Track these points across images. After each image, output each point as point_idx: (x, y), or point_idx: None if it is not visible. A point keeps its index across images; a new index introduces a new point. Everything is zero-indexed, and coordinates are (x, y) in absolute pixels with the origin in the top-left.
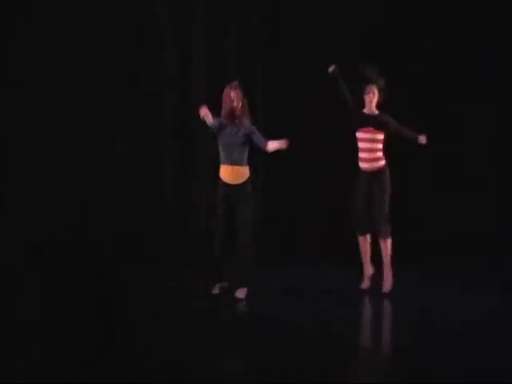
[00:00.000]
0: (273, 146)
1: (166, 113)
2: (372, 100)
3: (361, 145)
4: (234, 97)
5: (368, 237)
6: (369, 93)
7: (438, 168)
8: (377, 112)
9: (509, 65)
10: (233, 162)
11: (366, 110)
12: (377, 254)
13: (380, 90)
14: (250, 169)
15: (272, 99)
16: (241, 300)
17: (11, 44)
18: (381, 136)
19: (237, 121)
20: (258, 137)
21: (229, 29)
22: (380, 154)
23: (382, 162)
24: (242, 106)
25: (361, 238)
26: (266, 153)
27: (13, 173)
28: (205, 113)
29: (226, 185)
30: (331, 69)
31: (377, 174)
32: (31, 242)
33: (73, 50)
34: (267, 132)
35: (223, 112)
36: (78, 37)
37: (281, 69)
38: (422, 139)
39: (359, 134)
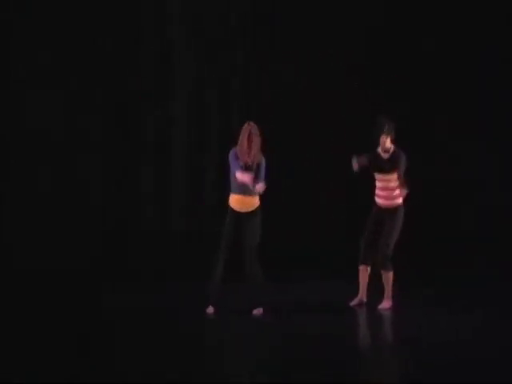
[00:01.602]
0: (256, 187)
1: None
2: (385, 144)
3: (377, 183)
4: (250, 141)
5: (368, 268)
6: (382, 139)
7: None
8: (392, 150)
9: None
10: (244, 193)
11: (380, 151)
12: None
13: (391, 134)
14: (259, 198)
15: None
16: (258, 317)
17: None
18: (395, 175)
19: (250, 159)
20: (259, 172)
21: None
22: (396, 192)
23: (399, 201)
24: (257, 147)
25: (362, 267)
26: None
27: None
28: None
29: (235, 213)
30: (355, 168)
31: (392, 211)
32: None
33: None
34: None
35: (239, 148)
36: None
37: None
38: (402, 193)
39: (375, 175)
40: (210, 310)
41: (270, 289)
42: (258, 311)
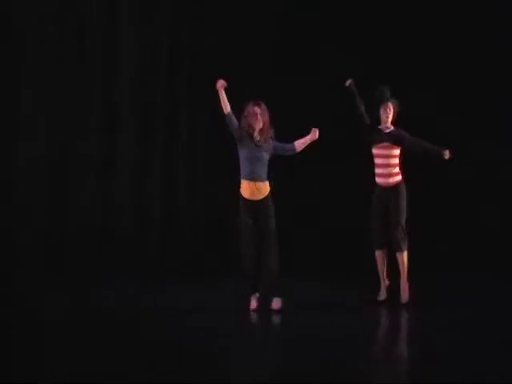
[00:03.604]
0: (301, 144)
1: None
2: (388, 115)
3: (377, 160)
4: (258, 117)
5: (385, 251)
6: (385, 109)
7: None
8: (392, 128)
9: None
10: (255, 179)
11: (381, 126)
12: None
13: (395, 107)
14: (269, 183)
15: None
16: (277, 311)
17: None
18: (396, 151)
19: (259, 138)
20: (281, 148)
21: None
22: (396, 169)
23: (399, 178)
24: (265, 125)
25: (377, 253)
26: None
27: None
28: (221, 84)
29: (247, 201)
30: (348, 83)
31: (393, 188)
32: None
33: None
34: None
35: (244, 126)
36: None
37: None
38: (446, 154)
39: (375, 150)
40: (254, 304)
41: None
42: (276, 304)
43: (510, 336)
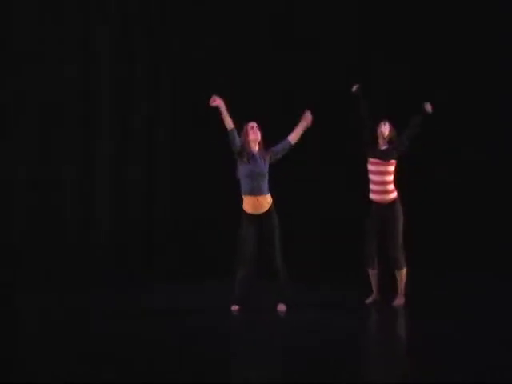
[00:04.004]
0: (296, 135)
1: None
2: (385, 133)
3: (372, 177)
4: (255, 130)
5: (376, 270)
6: (382, 127)
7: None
8: (388, 145)
9: None
10: (256, 194)
11: (378, 143)
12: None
13: (392, 125)
14: (271, 195)
15: None
16: (282, 314)
17: None
18: (391, 168)
19: (258, 151)
20: (280, 149)
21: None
22: (391, 186)
23: (394, 195)
24: (259, 144)
25: (371, 272)
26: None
27: None
28: (218, 103)
29: (251, 216)
30: (355, 88)
31: (389, 206)
32: None
33: None
34: None
35: (245, 143)
36: None
37: None
38: (428, 108)
39: (370, 167)
40: (235, 307)
41: (293, 287)
42: (281, 308)
43: (510, 336)
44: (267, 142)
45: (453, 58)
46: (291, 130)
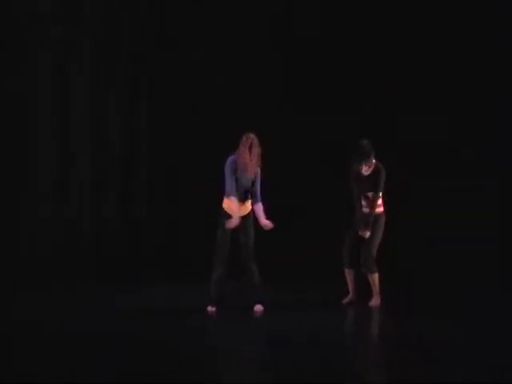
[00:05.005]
0: (257, 212)
1: None
2: (368, 169)
3: (359, 196)
4: (252, 154)
5: (352, 270)
6: (365, 166)
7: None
8: (372, 167)
9: None
10: (242, 200)
11: (362, 170)
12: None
13: (373, 160)
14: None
15: None
16: (259, 315)
17: None
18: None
19: (250, 172)
20: (256, 188)
21: None
22: (379, 202)
23: (380, 209)
24: (256, 159)
25: (346, 271)
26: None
27: None
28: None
29: (229, 216)
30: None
31: (374, 216)
32: None
33: None
34: None
35: (239, 159)
36: None
37: None
38: (364, 234)
39: (356, 190)
40: (211, 309)
41: (265, 288)
42: (258, 308)
43: (510, 336)
44: (266, 142)
45: (453, 58)
46: (291, 129)
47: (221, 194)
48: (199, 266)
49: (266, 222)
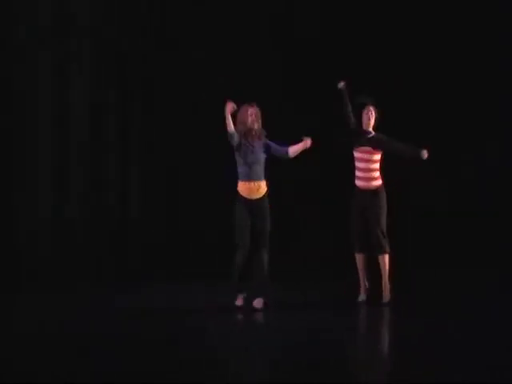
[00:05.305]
0: (295, 150)
1: None
2: (370, 119)
3: (357, 164)
4: (253, 118)
5: (364, 254)
6: (367, 113)
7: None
8: (373, 133)
9: None
10: (253, 179)
11: (363, 130)
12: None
13: (377, 111)
14: (266, 182)
15: None
16: (258, 310)
17: None
18: (377, 156)
19: (254, 140)
20: (275, 148)
21: None
22: (377, 173)
23: (379, 182)
24: (259, 125)
25: (357, 256)
26: (289, 159)
27: None
28: (231, 107)
29: (245, 199)
30: (341, 85)
31: (373, 192)
32: None
33: None
34: None
35: (239, 130)
36: None
37: None
38: (424, 154)
39: (356, 154)
40: (239, 301)
41: (271, 284)
42: (257, 303)
43: (510, 336)
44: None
45: (452, 59)
46: (291, 130)
47: (233, 184)
48: (199, 266)
49: (305, 140)
